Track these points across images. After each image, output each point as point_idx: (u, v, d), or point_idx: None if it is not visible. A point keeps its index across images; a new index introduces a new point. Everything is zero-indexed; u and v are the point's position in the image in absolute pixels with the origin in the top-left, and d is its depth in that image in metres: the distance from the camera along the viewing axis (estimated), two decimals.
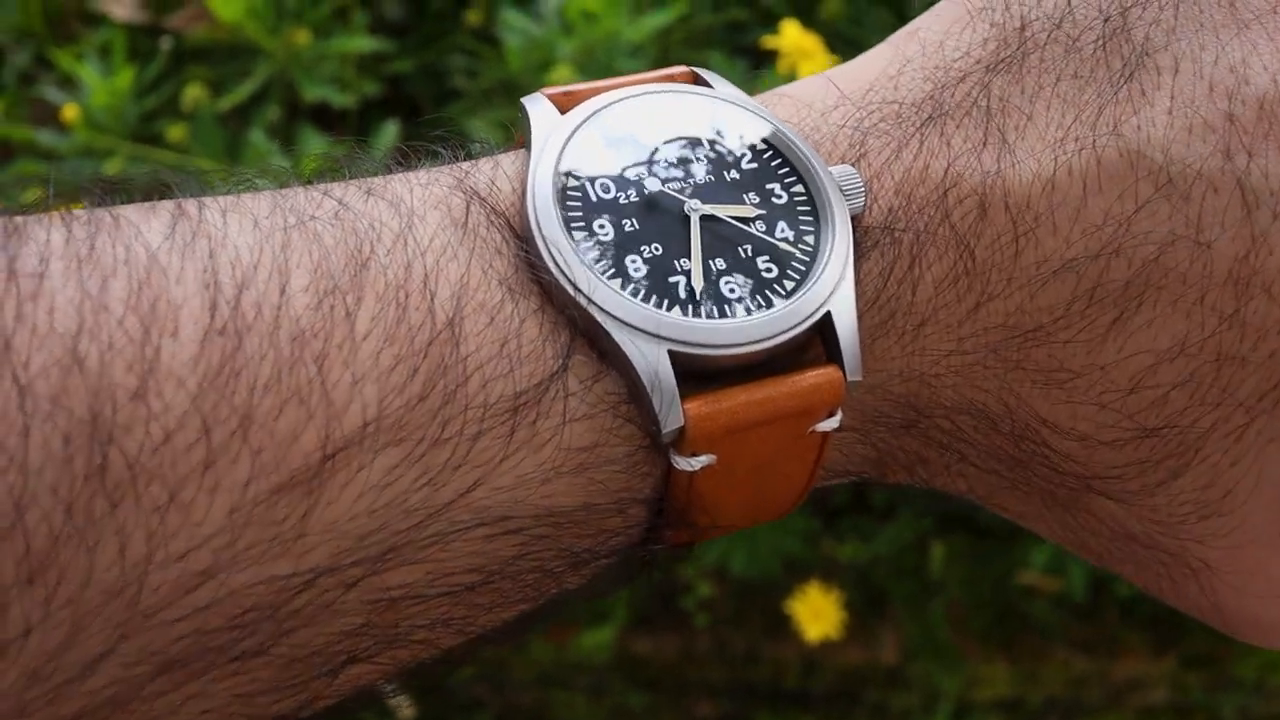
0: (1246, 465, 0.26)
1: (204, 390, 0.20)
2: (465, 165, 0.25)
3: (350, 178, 0.25)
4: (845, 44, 0.75)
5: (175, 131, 0.81)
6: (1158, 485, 0.27)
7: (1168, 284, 0.25)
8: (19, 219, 0.21)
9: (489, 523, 0.23)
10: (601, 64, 0.83)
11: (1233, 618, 0.28)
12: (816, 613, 0.83)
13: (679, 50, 0.82)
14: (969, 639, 0.98)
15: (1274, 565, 0.28)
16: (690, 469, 0.24)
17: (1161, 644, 0.98)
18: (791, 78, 0.78)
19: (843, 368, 0.24)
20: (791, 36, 0.74)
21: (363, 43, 0.86)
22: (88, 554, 0.19)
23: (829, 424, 0.25)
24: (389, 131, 0.83)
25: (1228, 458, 0.26)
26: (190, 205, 0.22)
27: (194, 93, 0.82)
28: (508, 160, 0.26)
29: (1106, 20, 0.26)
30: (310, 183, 0.24)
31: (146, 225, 0.21)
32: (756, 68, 0.81)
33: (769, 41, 0.76)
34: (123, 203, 0.23)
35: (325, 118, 0.88)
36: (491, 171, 0.25)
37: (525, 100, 0.26)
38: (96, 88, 0.83)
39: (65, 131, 0.85)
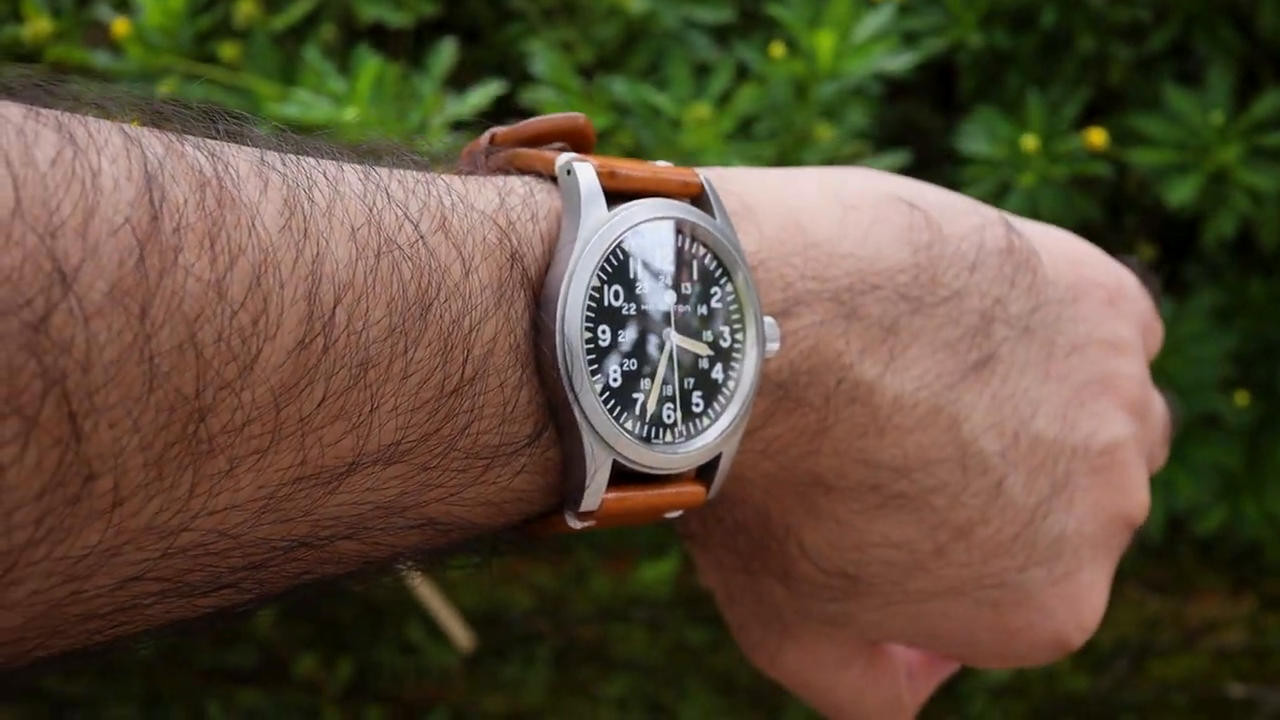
0: (871, 613, 0.37)
1: (281, 395, 0.23)
2: (509, 206, 0.29)
3: (417, 167, 0.29)
4: None
5: (229, 50, 0.79)
6: (821, 599, 0.37)
7: (923, 510, 0.35)
8: (152, 157, 0.22)
9: (422, 524, 0.28)
10: None
11: (766, 657, 0.40)
12: None
13: None
14: None
15: (811, 639, 0.39)
16: (575, 528, 0.30)
17: (1240, 584, 0.95)
18: None
19: (709, 488, 0.32)
20: None
21: None
22: (157, 498, 0.22)
23: (675, 515, 0.32)
24: (445, 51, 0.81)
25: (871, 606, 0.37)
26: (300, 193, 0.25)
27: (247, 10, 0.80)
28: (543, 210, 0.29)
29: (981, 316, 0.35)
30: (377, 159, 0.28)
31: (263, 202, 0.24)
32: None
33: None
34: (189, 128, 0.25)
35: (381, 37, 0.86)
36: (530, 226, 0.29)
37: (576, 166, 0.30)
38: (151, 7, 0.82)
39: (120, 53, 0.84)
